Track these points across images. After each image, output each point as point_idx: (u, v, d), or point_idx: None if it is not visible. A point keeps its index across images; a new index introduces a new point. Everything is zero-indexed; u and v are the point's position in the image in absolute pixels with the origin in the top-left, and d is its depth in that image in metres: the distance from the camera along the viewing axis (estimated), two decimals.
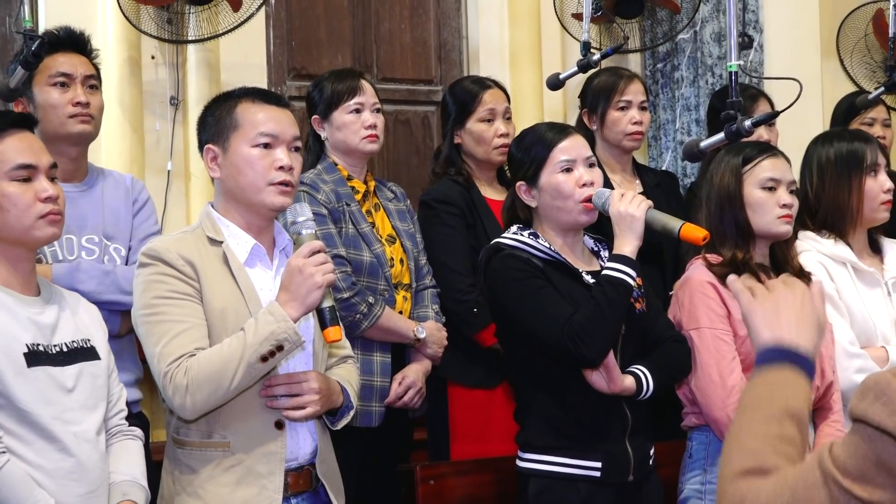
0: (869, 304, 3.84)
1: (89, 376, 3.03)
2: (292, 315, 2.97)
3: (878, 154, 3.89)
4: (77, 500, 2.91)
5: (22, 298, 2.97)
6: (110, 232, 3.87)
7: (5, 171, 2.93)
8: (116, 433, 3.14)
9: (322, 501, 3.31)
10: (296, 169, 3.24)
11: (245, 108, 3.23)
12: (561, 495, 3.48)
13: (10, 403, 2.84)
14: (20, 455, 2.84)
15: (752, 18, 6.34)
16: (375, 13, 6.45)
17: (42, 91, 3.85)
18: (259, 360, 2.96)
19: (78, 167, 3.92)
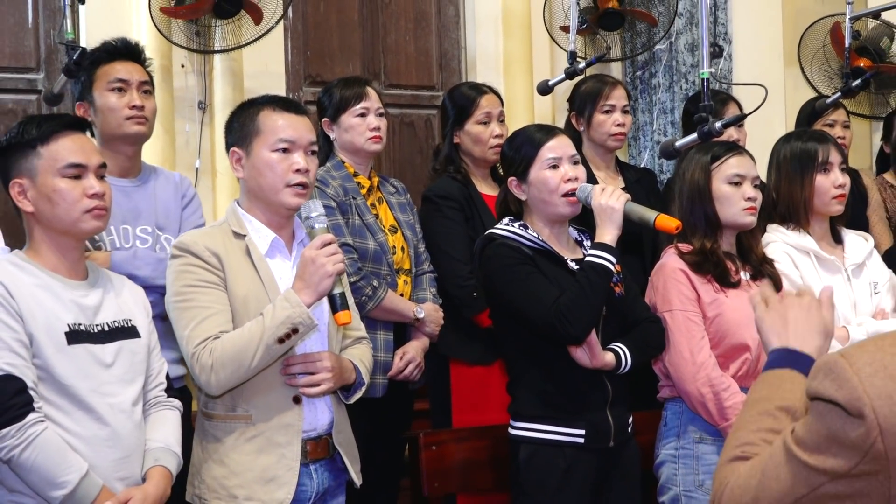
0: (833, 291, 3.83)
1: (128, 353, 3.03)
2: (306, 301, 2.99)
3: (830, 153, 3.88)
4: (111, 465, 2.91)
5: (67, 283, 2.97)
6: (162, 223, 3.87)
7: (57, 168, 2.94)
8: (156, 404, 3.14)
9: (338, 468, 3.32)
10: (312, 171, 3.25)
11: (266, 115, 3.25)
12: (548, 459, 3.49)
13: (51, 377, 2.85)
14: (59, 423, 2.84)
15: (721, 30, 6.33)
16: (383, 26, 6.45)
17: (101, 95, 3.85)
18: (276, 341, 2.98)
19: (133, 164, 3.92)
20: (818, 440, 1.59)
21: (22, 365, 2.80)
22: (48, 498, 2.81)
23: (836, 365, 1.57)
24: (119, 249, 3.74)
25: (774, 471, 1.64)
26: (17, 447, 2.76)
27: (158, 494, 2.98)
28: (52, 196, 2.93)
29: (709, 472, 3.56)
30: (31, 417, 2.78)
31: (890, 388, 1.51)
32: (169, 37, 5.47)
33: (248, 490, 3.11)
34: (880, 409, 1.51)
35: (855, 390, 1.53)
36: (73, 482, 2.80)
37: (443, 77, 6.51)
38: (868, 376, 1.53)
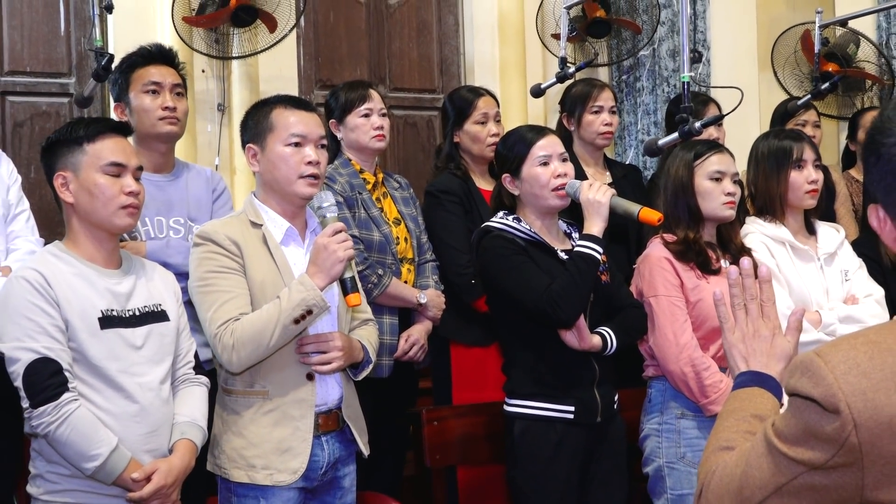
0: (804, 277, 3.83)
1: (158, 336, 3.05)
2: (319, 284, 3.00)
3: (805, 150, 3.87)
4: (139, 439, 2.92)
5: (102, 271, 2.99)
6: (193, 214, 3.86)
7: (99, 165, 2.96)
8: (184, 381, 3.15)
9: (347, 439, 3.32)
10: (322, 163, 3.26)
11: (278, 113, 3.25)
12: (540, 434, 3.50)
13: (85, 358, 2.88)
14: (91, 400, 2.87)
15: (700, 38, 6.32)
16: (388, 34, 6.44)
17: (136, 97, 3.84)
18: (293, 322, 2.99)
19: (167, 161, 3.92)
20: (796, 433, 1.58)
21: (58, 348, 2.83)
22: (82, 469, 2.84)
23: (813, 363, 1.56)
24: (153, 239, 3.74)
25: (757, 461, 1.64)
26: (53, 423, 2.79)
27: (183, 466, 2.99)
28: (93, 190, 2.95)
29: (690, 446, 3.58)
30: (66, 396, 2.80)
31: (863, 385, 1.51)
32: (190, 44, 5.47)
33: (265, 460, 3.11)
34: (854, 404, 1.50)
35: (830, 387, 1.52)
36: (104, 455, 2.82)
37: (443, 81, 6.50)
38: (843, 374, 1.52)
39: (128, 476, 2.86)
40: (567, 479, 3.50)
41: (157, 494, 2.90)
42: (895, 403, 1.49)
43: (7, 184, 3.66)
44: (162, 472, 2.91)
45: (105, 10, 4.65)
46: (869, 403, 1.50)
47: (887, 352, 1.53)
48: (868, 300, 3.87)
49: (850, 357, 1.54)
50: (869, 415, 1.50)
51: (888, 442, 1.50)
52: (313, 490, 3.24)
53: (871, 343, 1.55)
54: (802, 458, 1.56)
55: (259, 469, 3.11)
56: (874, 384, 1.50)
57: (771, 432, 1.63)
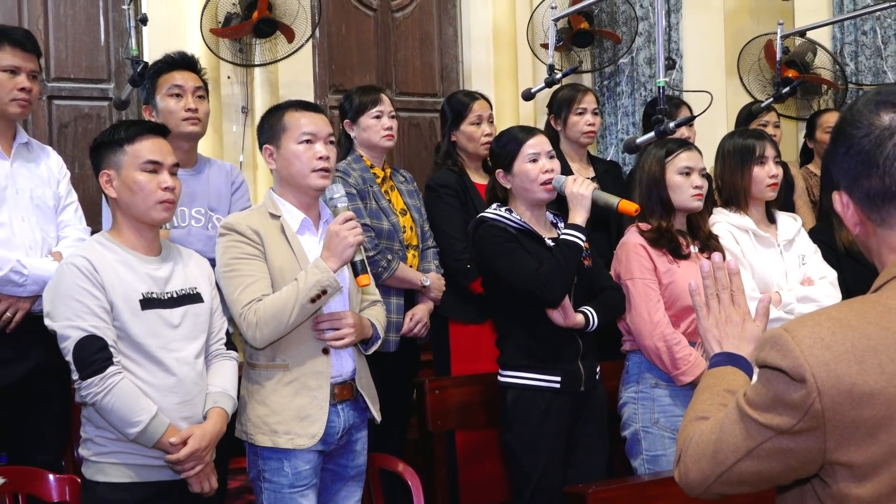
0: (766, 261, 3.84)
1: (193, 315, 3.06)
2: (332, 267, 3.02)
3: (766, 148, 3.87)
4: (176, 408, 2.94)
5: (143, 258, 3.01)
6: (213, 205, 3.86)
7: (139, 163, 2.97)
8: (217, 355, 3.16)
9: (361, 407, 3.33)
10: (332, 158, 3.27)
11: (290, 115, 3.27)
12: (530, 401, 3.52)
13: (127, 336, 2.90)
14: (134, 373, 2.89)
15: (674, 47, 6.31)
16: (394, 44, 6.45)
17: (162, 100, 3.83)
18: (310, 301, 3.01)
19: (189, 157, 3.89)
20: (766, 402, 1.58)
21: (104, 327, 2.85)
22: (125, 434, 2.86)
23: (782, 338, 1.56)
24: (176, 228, 3.73)
25: (730, 427, 1.63)
26: (100, 393, 2.81)
27: (215, 431, 3.01)
28: (133, 186, 2.96)
29: (663, 412, 3.60)
30: (111, 370, 2.83)
31: (826, 357, 1.51)
32: (217, 53, 5.48)
33: (286, 426, 3.13)
34: (818, 374, 1.51)
35: (797, 359, 1.52)
36: (145, 422, 2.84)
37: (443, 86, 6.51)
38: (808, 347, 1.52)
39: (166, 440, 2.88)
40: (554, 441, 3.52)
41: (192, 456, 2.91)
42: (854, 374, 1.49)
43: (57, 178, 3.67)
44: (197, 436, 2.93)
45: (140, 22, 4.68)
46: (831, 374, 1.50)
47: (847, 328, 1.53)
48: (822, 282, 3.87)
49: (814, 332, 1.53)
50: (831, 384, 1.50)
51: (848, 408, 1.50)
52: (329, 453, 3.26)
53: (833, 320, 1.55)
54: (771, 424, 1.56)
55: (281, 434, 3.12)
56: (836, 356, 1.51)
57: (743, 401, 1.63)
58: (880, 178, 1.60)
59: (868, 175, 1.61)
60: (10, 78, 3.48)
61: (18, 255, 3.40)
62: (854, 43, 6.23)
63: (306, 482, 3.17)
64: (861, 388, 1.49)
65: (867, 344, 1.51)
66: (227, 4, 5.52)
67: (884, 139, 1.59)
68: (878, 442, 1.50)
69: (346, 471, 3.34)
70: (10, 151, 3.55)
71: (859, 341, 1.52)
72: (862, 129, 1.62)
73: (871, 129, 1.61)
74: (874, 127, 1.61)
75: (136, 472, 2.92)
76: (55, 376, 3.44)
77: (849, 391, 1.50)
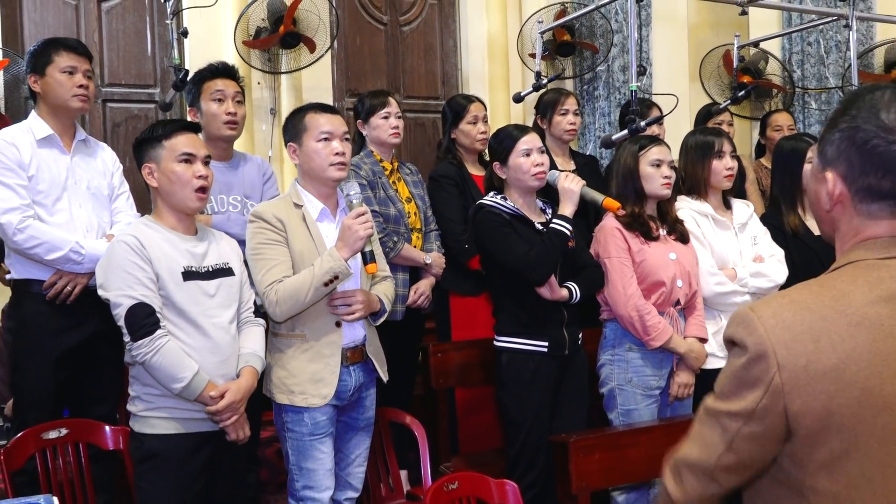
0: (723, 241, 3.83)
1: (226, 286, 3.06)
2: (344, 256, 3.04)
3: (724, 144, 3.86)
4: (214, 366, 2.95)
5: (183, 237, 3.02)
6: (248, 194, 3.85)
7: (175, 156, 2.98)
8: (246, 322, 3.15)
9: (369, 369, 3.35)
10: (347, 153, 3.28)
11: (310, 116, 3.29)
12: (521, 363, 3.52)
13: (172, 304, 2.90)
14: (177, 337, 2.90)
15: (645, 56, 6.28)
16: (402, 54, 6.42)
17: (206, 104, 3.83)
18: (323, 285, 3.03)
19: (227, 152, 3.90)
20: (730, 388, 1.54)
21: (151, 295, 2.86)
22: (170, 389, 2.87)
23: (748, 317, 1.53)
24: (217, 213, 3.74)
25: (707, 431, 1.59)
26: (149, 354, 2.83)
27: (248, 386, 3.02)
28: (171, 176, 2.97)
29: (635, 372, 3.61)
30: (158, 333, 2.84)
31: (786, 337, 1.48)
32: (248, 62, 5.47)
33: (301, 387, 3.16)
34: (779, 351, 1.48)
35: (761, 337, 1.49)
36: (188, 378, 2.85)
37: (444, 91, 6.48)
38: (771, 327, 1.49)
39: (206, 394, 2.89)
40: (542, 397, 3.52)
41: (229, 408, 2.93)
42: (810, 352, 1.47)
43: (111, 170, 3.66)
44: (232, 391, 2.94)
45: (182, 35, 4.65)
46: (790, 351, 1.47)
47: (805, 310, 1.50)
48: (772, 259, 3.87)
49: (777, 314, 1.51)
50: (790, 360, 1.47)
51: (804, 383, 1.47)
52: (343, 407, 3.28)
53: (793, 302, 1.52)
54: (738, 409, 1.52)
55: (297, 394, 3.15)
56: (795, 336, 1.48)
57: (709, 402, 1.59)
58: (892, 182, 1.53)
59: (883, 175, 1.53)
60: (69, 77, 3.48)
61: (77, 237, 3.40)
62: (801, 52, 6.22)
63: (323, 431, 3.19)
64: (815, 366, 1.47)
65: (822, 325, 1.48)
66: (257, 19, 5.50)
67: None
68: (829, 412, 1.47)
69: (356, 422, 3.36)
70: (71, 147, 3.54)
71: (816, 323, 1.49)
72: (890, 137, 1.51)
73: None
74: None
75: (180, 425, 2.93)
76: (109, 341, 3.44)
77: (804, 366, 1.47)
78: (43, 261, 3.35)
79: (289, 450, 3.21)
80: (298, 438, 3.18)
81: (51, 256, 3.33)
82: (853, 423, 1.47)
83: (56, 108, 3.50)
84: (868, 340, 1.48)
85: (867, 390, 1.47)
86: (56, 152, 3.49)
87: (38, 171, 3.40)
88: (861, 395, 1.47)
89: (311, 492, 3.18)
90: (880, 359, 1.47)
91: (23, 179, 3.36)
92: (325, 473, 3.19)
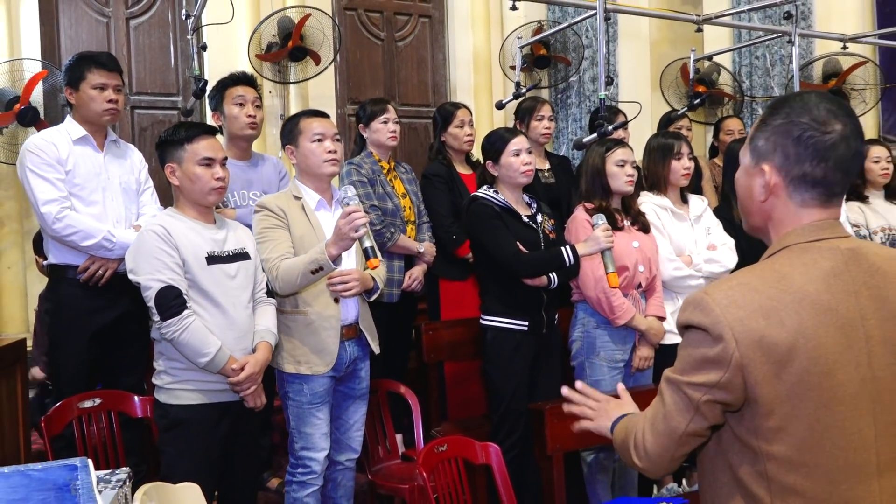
0: (680, 232, 3.84)
1: (244, 269, 3.03)
2: (333, 253, 2.99)
3: (682, 146, 3.87)
4: (233, 342, 2.93)
5: (204, 226, 2.99)
6: (266, 189, 3.82)
7: (197, 159, 2.94)
8: (260, 301, 3.13)
9: (363, 343, 3.34)
10: (339, 151, 3.30)
11: (304, 121, 3.30)
12: (505, 339, 3.52)
13: (197, 285, 2.88)
14: (201, 316, 2.88)
15: (612, 68, 6.28)
16: (397, 66, 6.40)
17: (228, 108, 3.81)
18: (310, 272, 3.02)
19: (247, 152, 3.89)
20: (692, 365, 1.53)
21: (178, 279, 2.84)
22: (196, 363, 2.86)
23: (703, 300, 1.52)
24: (239, 207, 3.73)
25: (671, 400, 1.57)
26: (177, 332, 2.81)
27: (264, 359, 3.01)
28: (192, 177, 2.94)
29: (602, 347, 3.61)
30: (186, 313, 2.82)
31: (740, 315, 1.48)
32: (261, 73, 5.42)
33: (306, 357, 3.17)
34: (734, 328, 1.48)
35: (717, 317, 1.49)
36: (212, 353, 2.84)
37: (434, 99, 6.46)
38: (725, 307, 1.49)
39: (228, 367, 2.88)
40: (522, 370, 3.53)
41: (248, 379, 2.92)
42: (762, 327, 1.47)
43: (139, 168, 3.64)
44: (251, 363, 2.93)
45: (201, 49, 4.62)
46: (744, 327, 1.47)
47: (754, 291, 1.50)
48: (724, 247, 3.88)
49: (729, 295, 1.50)
50: (745, 335, 1.47)
51: (759, 355, 1.47)
52: (340, 378, 3.28)
53: (741, 285, 1.52)
54: (702, 381, 1.52)
55: (303, 363, 3.16)
56: (747, 314, 1.48)
57: (671, 376, 1.58)
58: (824, 169, 1.54)
59: (815, 164, 1.54)
60: (100, 93, 3.46)
61: (108, 226, 3.39)
62: (749, 65, 6.23)
63: (321, 400, 3.20)
64: (768, 339, 1.47)
65: (770, 304, 1.49)
66: (268, 35, 5.48)
67: (838, 142, 1.53)
68: (781, 381, 1.48)
69: (353, 391, 3.35)
70: (103, 147, 3.53)
71: (764, 302, 1.49)
72: (822, 128, 1.54)
73: (831, 132, 1.54)
74: (834, 131, 1.54)
75: (204, 396, 2.91)
76: (137, 320, 3.43)
77: (759, 341, 1.47)
78: (78, 247, 3.34)
79: (289, 416, 3.23)
80: (298, 406, 3.19)
81: (86, 243, 3.32)
82: (802, 391, 1.47)
83: (88, 118, 3.48)
84: (811, 315, 1.48)
85: (813, 360, 1.47)
86: (90, 150, 3.48)
87: (74, 167, 3.39)
88: (808, 364, 1.47)
89: (308, 452, 3.20)
90: (822, 331, 1.48)
91: (61, 174, 3.35)
92: (320, 437, 3.20)
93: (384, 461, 3.83)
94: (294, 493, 3.21)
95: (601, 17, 4.08)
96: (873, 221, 4.64)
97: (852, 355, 1.48)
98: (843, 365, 1.48)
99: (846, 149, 1.54)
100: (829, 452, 1.49)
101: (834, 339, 1.48)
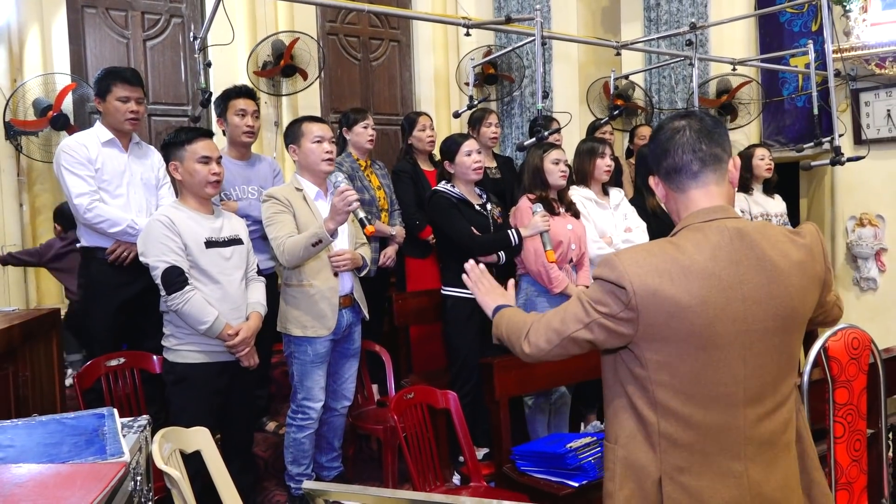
0: (602, 218, 3.87)
1: (238, 252, 3.00)
2: (331, 227, 2.96)
3: (605, 148, 3.90)
4: (229, 312, 2.91)
5: (203, 215, 2.95)
6: (263, 185, 3.73)
7: (195, 158, 2.91)
8: (251, 279, 3.10)
9: (356, 311, 3.33)
10: (334, 151, 3.26)
11: (306, 125, 3.26)
12: (461, 306, 3.53)
13: (197, 266, 2.86)
14: (201, 290, 2.85)
15: (548, 84, 6.27)
16: (372, 82, 6.32)
17: (231, 118, 3.71)
18: (311, 245, 2.97)
19: (246, 153, 3.79)
20: (600, 296, 1.58)
21: (181, 260, 2.81)
22: (197, 329, 2.83)
23: (612, 260, 1.56)
24: (241, 200, 3.66)
25: (573, 307, 1.63)
26: (181, 304, 2.79)
27: (255, 326, 2.98)
28: (192, 173, 2.91)
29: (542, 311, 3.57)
30: (187, 288, 2.80)
31: (640, 272, 1.52)
32: (257, 87, 5.32)
33: (311, 322, 3.14)
34: (634, 281, 1.52)
35: (621, 272, 1.53)
36: (211, 321, 2.82)
37: (402, 109, 6.39)
38: (629, 265, 1.53)
39: (225, 332, 2.86)
40: (475, 331, 3.53)
41: (242, 342, 2.90)
42: (656, 283, 1.51)
43: (157, 166, 3.55)
44: (244, 329, 2.91)
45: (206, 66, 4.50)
46: (642, 281, 1.51)
47: (653, 255, 1.54)
48: (637, 230, 3.92)
49: (632, 257, 1.55)
50: (643, 288, 1.51)
51: (652, 305, 1.51)
52: (337, 340, 3.27)
53: (644, 250, 1.57)
54: (603, 309, 1.57)
55: (308, 328, 3.14)
56: (646, 272, 1.52)
57: (583, 295, 1.63)
58: (672, 158, 1.61)
59: (666, 157, 1.63)
60: (123, 104, 3.36)
61: (132, 216, 3.31)
62: (658, 83, 6.27)
63: (321, 360, 3.18)
64: (660, 293, 1.51)
65: (664, 266, 1.53)
66: (263, 55, 5.39)
67: (674, 134, 1.62)
68: (669, 328, 1.52)
69: (348, 351, 3.34)
70: (127, 148, 3.45)
71: (660, 264, 1.53)
72: (663, 131, 1.64)
73: (668, 130, 1.63)
74: (670, 128, 1.63)
75: (205, 355, 2.89)
76: (155, 293, 3.35)
77: (653, 294, 1.51)
78: (106, 233, 3.27)
79: (294, 372, 3.20)
80: (302, 364, 3.17)
81: (113, 230, 3.25)
82: (686, 336, 1.52)
83: (113, 125, 3.40)
84: (698, 279, 1.52)
85: (697, 314, 1.51)
86: (116, 151, 3.39)
87: (102, 165, 3.32)
88: (693, 317, 1.51)
89: (308, 402, 3.19)
90: (706, 292, 1.52)
91: (91, 171, 3.28)
92: (318, 390, 3.19)
93: (363, 406, 3.82)
94: (294, 434, 3.22)
95: (539, 42, 4.08)
96: (754, 209, 4.73)
97: (730, 312, 1.52)
98: (722, 319, 1.52)
99: (686, 134, 1.60)
100: (705, 385, 1.54)
101: (716, 298, 1.52)
